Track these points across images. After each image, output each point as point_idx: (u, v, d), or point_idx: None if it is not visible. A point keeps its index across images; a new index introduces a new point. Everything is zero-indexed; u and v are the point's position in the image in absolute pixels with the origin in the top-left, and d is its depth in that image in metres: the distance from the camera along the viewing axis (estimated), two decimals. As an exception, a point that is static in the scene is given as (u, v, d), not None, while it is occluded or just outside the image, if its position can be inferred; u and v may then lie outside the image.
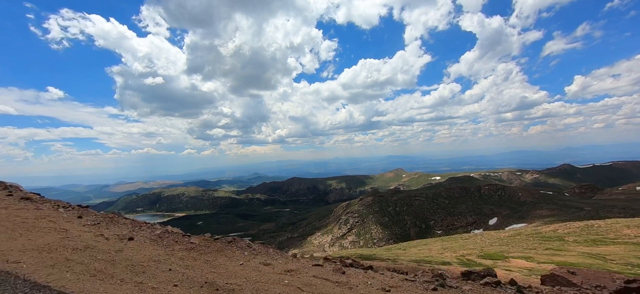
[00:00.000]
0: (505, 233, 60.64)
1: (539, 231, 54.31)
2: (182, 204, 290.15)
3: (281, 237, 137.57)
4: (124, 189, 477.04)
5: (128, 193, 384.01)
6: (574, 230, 51.69)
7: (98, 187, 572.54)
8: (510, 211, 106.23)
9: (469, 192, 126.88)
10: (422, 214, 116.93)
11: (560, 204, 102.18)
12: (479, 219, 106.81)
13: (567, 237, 47.40)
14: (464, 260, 32.25)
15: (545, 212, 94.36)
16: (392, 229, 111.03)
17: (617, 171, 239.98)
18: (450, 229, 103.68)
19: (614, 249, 36.27)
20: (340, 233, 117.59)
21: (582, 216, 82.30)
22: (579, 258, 31.71)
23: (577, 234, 49.33)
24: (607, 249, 36.92)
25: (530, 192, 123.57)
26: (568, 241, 45.14)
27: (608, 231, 48.25)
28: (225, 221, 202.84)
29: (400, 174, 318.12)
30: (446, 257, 33.84)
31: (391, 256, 36.99)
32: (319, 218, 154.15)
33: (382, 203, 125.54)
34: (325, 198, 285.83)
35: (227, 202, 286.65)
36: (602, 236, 45.58)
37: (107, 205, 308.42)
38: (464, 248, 46.89)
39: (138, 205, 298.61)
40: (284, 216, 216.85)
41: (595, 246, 39.45)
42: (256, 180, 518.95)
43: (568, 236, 47.80)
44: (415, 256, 34.19)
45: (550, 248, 40.36)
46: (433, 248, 52.02)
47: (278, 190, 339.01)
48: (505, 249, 40.69)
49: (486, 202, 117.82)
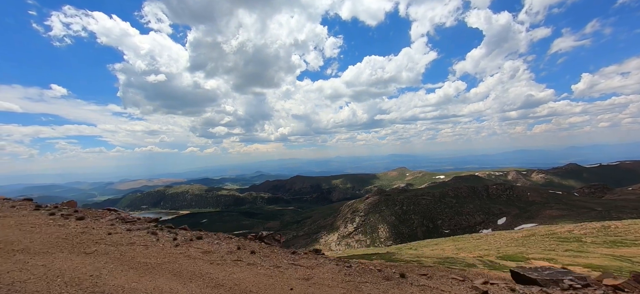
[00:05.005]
0: (518, 233, 59.74)
1: (554, 232, 53.40)
2: (186, 202, 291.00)
3: (286, 235, 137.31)
4: (127, 187, 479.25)
5: (132, 191, 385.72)
6: (591, 231, 50.72)
7: (102, 185, 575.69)
8: (519, 210, 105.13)
9: (477, 191, 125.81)
10: (430, 214, 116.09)
11: (570, 204, 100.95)
12: (487, 218, 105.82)
13: (585, 238, 46.48)
14: (485, 261, 31.55)
15: (555, 212, 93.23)
16: (399, 228, 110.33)
17: (625, 171, 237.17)
18: (458, 229, 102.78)
19: (637, 251, 35.40)
20: (347, 232, 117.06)
21: (593, 217, 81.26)
22: (604, 260, 30.89)
23: (594, 235, 48.38)
24: (630, 251, 36.04)
25: (538, 192, 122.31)
26: (586, 242, 44.26)
27: (626, 232, 47.28)
28: (229, 219, 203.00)
29: (403, 173, 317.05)
30: (467, 258, 33.10)
31: (410, 257, 36.25)
32: (323, 217, 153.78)
33: (389, 202, 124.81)
34: (328, 197, 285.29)
35: (230, 200, 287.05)
36: (621, 237, 44.64)
37: (112, 202, 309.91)
38: (479, 249, 46.13)
39: (143, 203, 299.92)
40: (288, 214, 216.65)
41: (616, 248, 38.57)
42: (259, 178, 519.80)
43: (585, 237, 46.87)
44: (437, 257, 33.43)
45: (569, 249, 39.52)
46: (446, 248, 51.26)
47: (281, 188, 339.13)
48: (523, 251, 39.89)
49: (494, 201, 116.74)
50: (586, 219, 73.66)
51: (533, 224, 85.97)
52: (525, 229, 73.48)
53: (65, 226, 11.49)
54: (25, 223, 11.15)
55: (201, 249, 10.64)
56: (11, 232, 9.89)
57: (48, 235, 9.92)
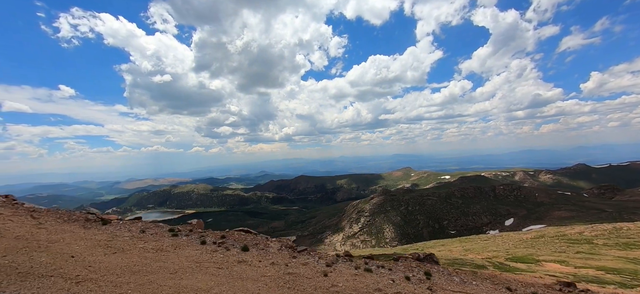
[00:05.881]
0: (526, 234, 58.80)
1: (564, 234, 52.43)
2: (192, 201, 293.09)
3: (291, 235, 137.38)
4: (134, 186, 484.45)
5: (139, 190, 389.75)
6: (602, 233, 49.69)
7: (109, 184, 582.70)
8: (527, 211, 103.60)
9: (483, 192, 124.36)
10: (435, 214, 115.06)
11: (580, 205, 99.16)
12: (495, 219, 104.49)
13: (596, 240, 45.53)
14: (495, 263, 31.01)
15: (564, 213, 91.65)
16: (404, 228, 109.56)
17: (635, 171, 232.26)
18: (464, 230, 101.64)
19: (652, 254, 34.50)
20: (352, 232, 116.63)
21: (604, 218, 79.66)
22: (618, 263, 30.16)
23: (606, 237, 47.37)
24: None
25: (547, 192, 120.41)
26: (598, 244, 43.35)
27: (639, 234, 46.22)
28: (234, 218, 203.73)
29: (408, 173, 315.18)
30: (475, 259, 32.57)
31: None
32: (328, 217, 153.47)
33: (394, 202, 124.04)
34: (333, 197, 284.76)
35: (235, 200, 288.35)
36: (634, 239, 43.63)
37: (119, 201, 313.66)
38: (487, 250, 45.47)
39: (149, 202, 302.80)
40: (293, 214, 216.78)
41: (629, 250, 37.67)
42: (263, 178, 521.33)
43: (597, 239, 45.92)
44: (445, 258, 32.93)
45: (581, 251, 38.72)
46: (453, 249, 50.64)
47: (286, 188, 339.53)
48: (533, 252, 39.19)
49: (501, 202, 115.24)
50: (596, 221, 72.21)
51: (541, 225, 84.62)
52: (533, 230, 72.30)
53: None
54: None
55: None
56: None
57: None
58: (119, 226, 13.29)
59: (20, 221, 11.63)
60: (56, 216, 13.46)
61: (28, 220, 12.08)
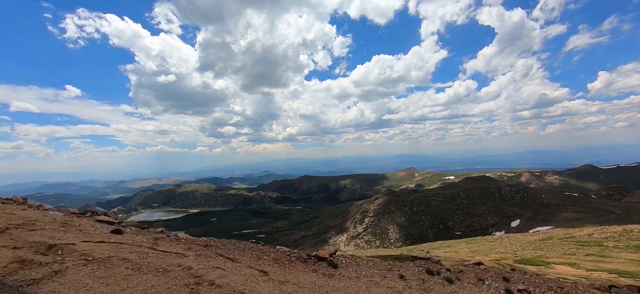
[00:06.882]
0: (534, 236, 57.97)
1: (573, 235, 51.57)
2: (196, 200, 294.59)
3: (295, 235, 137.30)
4: (139, 186, 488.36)
5: (143, 189, 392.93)
6: (612, 235, 48.78)
7: (114, 183, 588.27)
8: (534, 212, 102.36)
9: (489, 192, 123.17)
10: (440, 215, 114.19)
11: (587, 206, 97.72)
12: (500, 220, 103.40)
13: (606, 242, 44.68)
14: (503, 265, 30.48)
15: (572, 215, 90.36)
16: (409, 229, 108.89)
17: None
18: (469, 231, 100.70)
19: (665, 257, 33.71)
20: (356, 232, 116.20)
21: (613, 220, 78.42)
22: (630, 266, 29.50)
23: (616, 239, 46.47)
24: (656, 256, 34.35)
25: (554, 193, 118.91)
26: (608, 246, 42.51)
27: (651, 236, 45.25)
28: (238, 218, 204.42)
29: (412, 173, 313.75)
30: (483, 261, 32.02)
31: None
32: (331, 217, 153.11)
33: (398, 203, 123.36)
34: (337, 197, 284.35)
35: (239, 199, 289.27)
36: (646, 241, 42.72)
37: (124, 201, 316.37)
38: (494, 251, 44.86)
39: (154, 201, 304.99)
40: (296, 214, 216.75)
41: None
42: (267, 178, 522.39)
43: (607, 241, 45.06)
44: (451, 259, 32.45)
45: (591, 253, 37.98)
46: (459, 250, 50.06)
47: (289, 188, 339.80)
48: (541, 254, 38.54)
49: (507, 203, 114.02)
50: (605, 223, 71.06)
51: (549, 226, 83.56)
52: (541, 232, 71.33)
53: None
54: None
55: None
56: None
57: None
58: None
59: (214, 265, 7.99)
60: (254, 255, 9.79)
61: (224, 264, 8.36)
